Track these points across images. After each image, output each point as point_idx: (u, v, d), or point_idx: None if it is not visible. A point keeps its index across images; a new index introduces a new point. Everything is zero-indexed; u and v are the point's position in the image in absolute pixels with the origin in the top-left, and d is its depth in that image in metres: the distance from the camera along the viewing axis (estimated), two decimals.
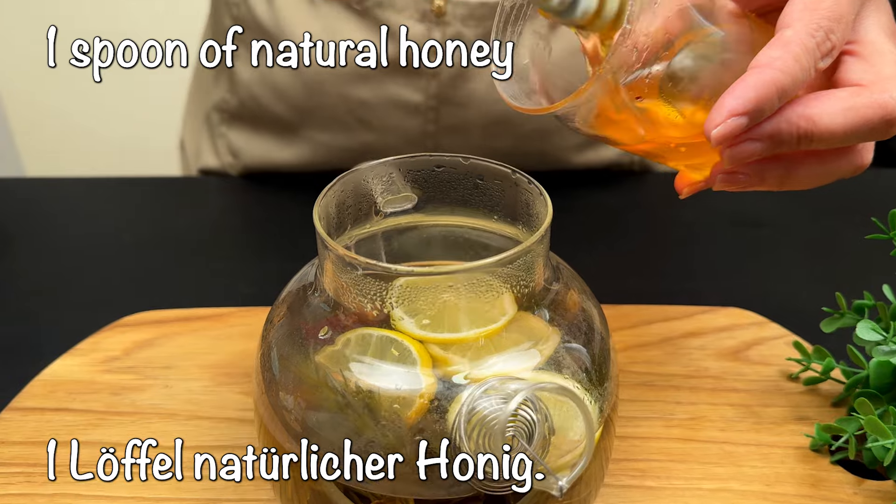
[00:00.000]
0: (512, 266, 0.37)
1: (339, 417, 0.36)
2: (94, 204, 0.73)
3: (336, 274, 0.37)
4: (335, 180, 0.41)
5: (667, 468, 0.44)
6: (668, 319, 0.55)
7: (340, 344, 0.37)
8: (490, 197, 0.42)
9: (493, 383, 0.35)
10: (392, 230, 0.45)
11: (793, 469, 0.44)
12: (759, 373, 0.51)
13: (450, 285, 0.36)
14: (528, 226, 0.41)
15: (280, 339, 0.39)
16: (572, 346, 0.38)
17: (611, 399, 0.39)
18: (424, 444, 0.35)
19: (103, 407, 0.49)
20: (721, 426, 0.47)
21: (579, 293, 0.42)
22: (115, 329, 0.55)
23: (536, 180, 0.40)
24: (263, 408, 0.39)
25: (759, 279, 0.61)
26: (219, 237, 0.69)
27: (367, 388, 0.35)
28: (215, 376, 0.51)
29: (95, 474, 0.44)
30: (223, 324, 0.56)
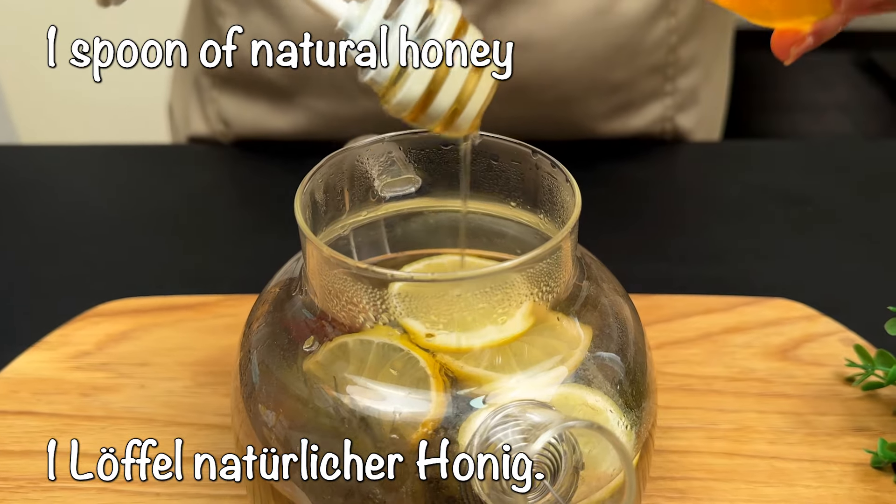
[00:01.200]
0: (534, 269, 0.32)
1: (330, 441, 0.31)
2: (70, 174, 0.68)
3: (322, 276, 0.32)
4: (323, 161, 0.35)
5: (709, 488, 0.40)
6: (707, 312, 0.49)
7: (330, 353, 0.32)
8: (506, 180, 0.37)
9: (511, 409, 0.30)
10: (395, 216, 0.40)
11: (852, 490, 0.39)
12: (812, 375, 0.45)
13: (459, 294, 0.31)
14: (550, 215, 0.36)
15: (260, 347, 0.34)
16: (604, 356, 0.33)
17: (650, 418, 0.34)
18: (431, 479, 0.30)
19: (71, 410, 0.45)
20: (770, 438, 0.42)
21: (610, 293, 0.36)
22: (88, 319, 0.50)
23: (556, 151, 0.35)
24: (241, 422, 0.34)
25: (807, 265, 0.56)
26: (208, 212, 0.64)
27: (364, 413, 0.31)
28: (196, 375, 0.47)
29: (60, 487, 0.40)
30: (208, 314, 0.51)
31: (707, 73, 0.71)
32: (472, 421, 0.31)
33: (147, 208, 0.63)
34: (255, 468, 0.34)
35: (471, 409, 0.30)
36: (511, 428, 0.30)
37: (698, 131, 0.73)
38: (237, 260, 0.58)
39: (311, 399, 0.31)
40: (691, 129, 0.72)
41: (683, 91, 0.69)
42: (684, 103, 0.70)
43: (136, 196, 0.65)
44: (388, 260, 0.41)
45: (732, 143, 0.74)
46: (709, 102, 0.74)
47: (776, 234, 0.59)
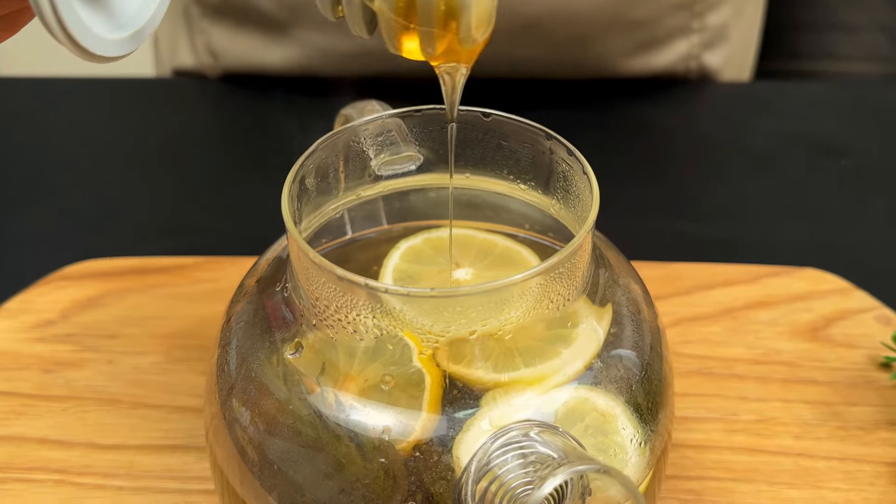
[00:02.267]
0: (546, 278, 0.28)
1: (315, 467, 0.28)
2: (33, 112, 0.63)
3: (309, 281, 0.28)
4: (315, 145, 0.31)
5: (728, 489, 0.36)
6: (729, 284, 0.45)
7: (321, 370, 0.29)
8: (517, 161, 0.33)
9: (513, 434, 0.26)
10: (394, 193, 0.36)
11: (885, 494, 0.36)
12: (843, 358, 0.41)
13: (460, 310, 0.27)
14: (565, 202, 0.32)
15: (239, 344, 0.31)
16: (618, 357, 0.30)
17: (665, 432, 0.30)
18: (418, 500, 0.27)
19: (31, 388, 0.41)
20: (796, 432, 0.38)
21: (625, 285, 0.33)
22: (53, 283, 0.47)
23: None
24: (213, 423, 0.31)
25: (843, 226, 0.51)
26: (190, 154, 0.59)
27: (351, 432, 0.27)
28: (169, 349, 0.43)
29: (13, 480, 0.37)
30: (185, 278, 0.47)
31: (738, 9, 0.65)
32: (468, 441, 0.27)
33: (122, 151, 0.59)
34: (225, 475, 0.31)
35: (471, 416, 0.27)
36: (512, 453, 0.26)
37: (727, 70, 0.68)
38: (222, 211, 0.54)
39: (298, 419, 0.28)
40: (719, 69, 0.66)
41: (712, 28, 0.64)
42: (712, 41, 0.65)
43: (111, 137, 0.60)
44: (384, 232, 0.37)
45: (762, 85, 0.69)
46: (739, 40, 0.68)
47: (808, 191, 0.54)
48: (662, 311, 0.44)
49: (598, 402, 0.29)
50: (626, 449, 0.29)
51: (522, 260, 0.36)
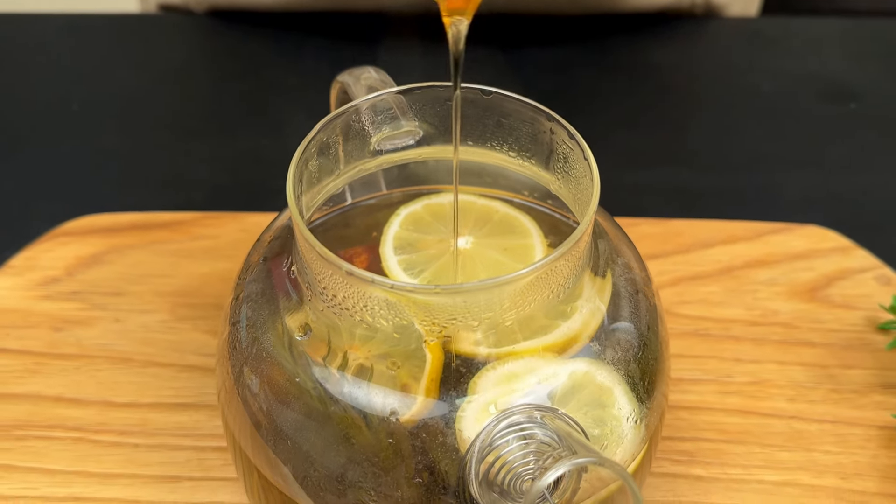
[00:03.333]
0: (548, 269, 0.29)
1: (324, 446, 0.29)
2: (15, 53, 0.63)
3: (314, 270, 0.29)
4: (317, 127, 0.31)
5: (720, 451, 0.38)
6: (730, 241, 0.46)
7: (327, 352, 0.30)
8: (517, 139, 0.34)
9: (516, 417, 0.28)
10: (393, 166, 0.36)
11: (875, 457, 0.38)
12: (841, 320, 0.43)
13: (465, 301, 0.28)
14: (565, 182, 0.33)
15: (249, 324, 0.32)
16: (616, 331, 0.31)
17: (660, 407, 0.32)
18: (429, 485, 0.28)
19: (43, 347, 0.43)
20: (790, 394, 0.40)
21: (624, 260, 0.33)
22: (56, 239, 0.48)
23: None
24: (232, 415, 0.32)
25: (849, 177, 0.52)
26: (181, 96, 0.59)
27: (359, 413, 0.29)
28: (175, 307, 0.45)
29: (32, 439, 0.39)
30: (184, 234, 0.48)
31: None
32: (469, 416, 0.29)
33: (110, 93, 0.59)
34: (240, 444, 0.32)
35: (475, 394, 0.28)
36: (514, 435, 0.28)
37: (733, 4, 0.67)
38: (215, 158, 0.54)
39: (307, 401, 0.29)
40: (725, 3, 0.65)
41: None
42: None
43: (96, 78, 0.60)
44: (384, 197, 0.38)
45: (770, 21, 0.68)
46: None
47: (814, 138, 0.54)
48: (661, 270, 0.45)
49: (597, 376, 0.31)
50: (622, 421, 0.31)
51: (522, 227, 0.37)
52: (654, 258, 0.45)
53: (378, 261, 0.35)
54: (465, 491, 0.28)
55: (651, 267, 0.45)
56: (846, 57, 0.61)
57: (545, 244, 0.35)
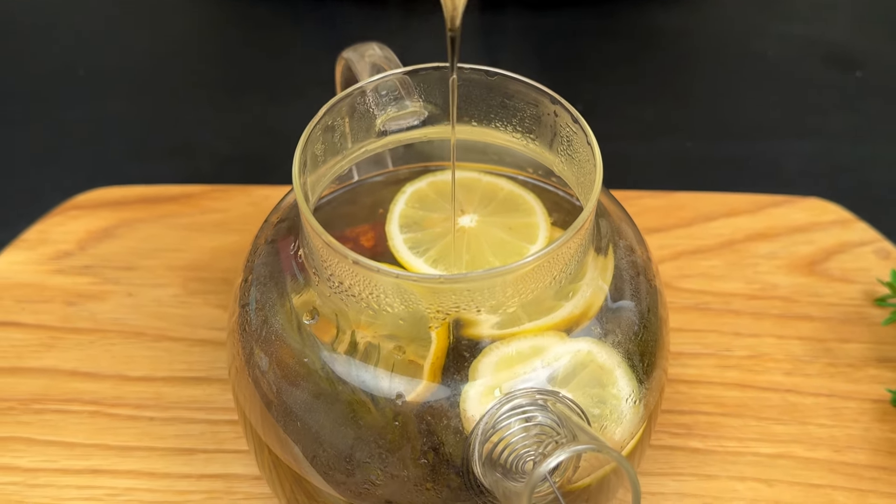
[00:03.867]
0: (550, 257, 0.30)
1: (332, 429, 0.31)
2: (31, 17, 0.63)
3: (321, 256, 0.30)
4: (323, 111, 0.32)
5: (717, 424, 0.40)
6: (732, 214, 0.47)
7: (335, 337, 0.31)
8: (521, 120, 0.34)
9: (518, 401, 0.29)
10: (399, 146, 0.37)
11: (867, 430, 0.39)
12: (840, 294, 0.44)
13: (469, 290, 0.29)
14: (569, 163, 0.33)
15: (258, 306, 0.33)
16: (618, 311, 0.32)
17: (658, 386, 0.33)
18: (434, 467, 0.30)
19: (57, 321, 0.44)
20: (787, 368, 0.41)
21: (626, 244, 0.34)
22: (67, 213, 0.49)
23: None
24: (238, 374, 0.34)
25: (853, 147, 0.52)
26: (185, 61, 0.60)
27: (367, 396, 0.30)
28: (186, 282, 0.46)
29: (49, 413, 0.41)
30: (194, 208, 0.49)
31: None
32: (473, 396, 0.30)
33: (115, 61, 0.59)
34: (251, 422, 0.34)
35: (479, 376, 0.30)
36: (516, 418, 0.29)
37: None
38: (222, 127, 0.55)
39: (315, 384, 0.31)
40: None
41: None
42: None
43: (103, 47, 0.61)
44: (391, 174, 0.39)
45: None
46: None
47: (818, 106, 0.55)
48: (663, 244, 0.46)
49: (598, 356, 0.32)
50: (622, 401, 0.32)
51: (526, 205, 0.38)
52: (657, 232, 0.46)
53: (384, 239, 0.36)
54: (468, 471, 0.30)
55: (653, 241, 0.46)
56: (854, 23, 0.61)
57: (549, 222, 0.36)
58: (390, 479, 0.30)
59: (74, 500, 0.38)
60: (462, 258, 0.35)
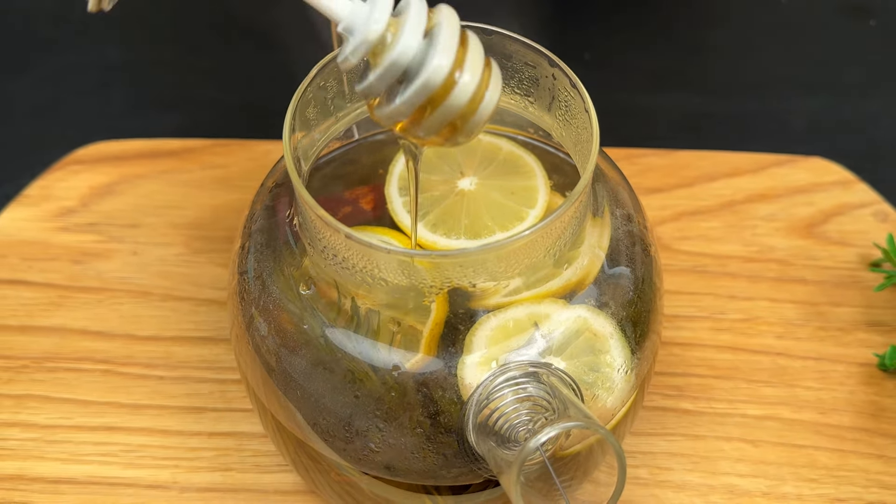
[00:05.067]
0: (544, 231, 0.32)
1: (331, 399, 0.34)
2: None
3: (314, 229, 0.33)
4: (313, 72, 0.34)
5: (708, 386, 0.43)
6: (734, 174, 0.49)
7: (332, 310, 0.34)
8: (519, 81, 0.36)
9: (512, 373, 0.32)
10: None
11: (853, 393, 0.43)
12: (835, 257, 0.47)
13: (461, 265, 0.32)
14: (566, 127, 0.35)
15: (255, 275, 0.36)
16: (614, 279, 0.35)
17: (650, 356, 0.36)
18: (430, 436, 0.33)
19: (65, 280, 0.48)
20: (779, 331, 0.45)
21: (623, 213, 0.37)
22: (68, 168, 0.51)
23: None
24: (245, 360, 0.37)
25: (862, 101, 0.54)
26: (182, 16, 0.61)
27: (365, 368, 0.33)
28: (190, 240, 0.49)
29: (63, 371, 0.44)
30: (195, 163, 0.51)
31: None
32: (470, 364, 0.33)
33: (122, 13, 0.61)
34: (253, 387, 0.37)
35: (475, 345, 0.32)
36: (510, 388, 0.32)
37: None
38: (219, 76, 0.57)
39: (314, 356, 0.34)
40: None
41: None
42: None
43: None
44: (390, 133, 0.40)
45: None
46: None
47: (828, 58, 0.56)
48: (664, 204, 0.49)
49: (593, 322, 0.35)
50: (614, 369, 0.36)
51: (527, 167, 0.40)
52: (659, 192, 0.49)
53: (384, 201, 0.39)
54: (463, 439, 0.33)
55: (654, 201, 0.48)
56: None
57: (548, 186, 0.38)
58: (388, 446, 0.34)
59: (91, 456, 0.42)
60: (461, 223, 0.37)
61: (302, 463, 0.38)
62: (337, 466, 0.36)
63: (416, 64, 0.28)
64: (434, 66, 0.28)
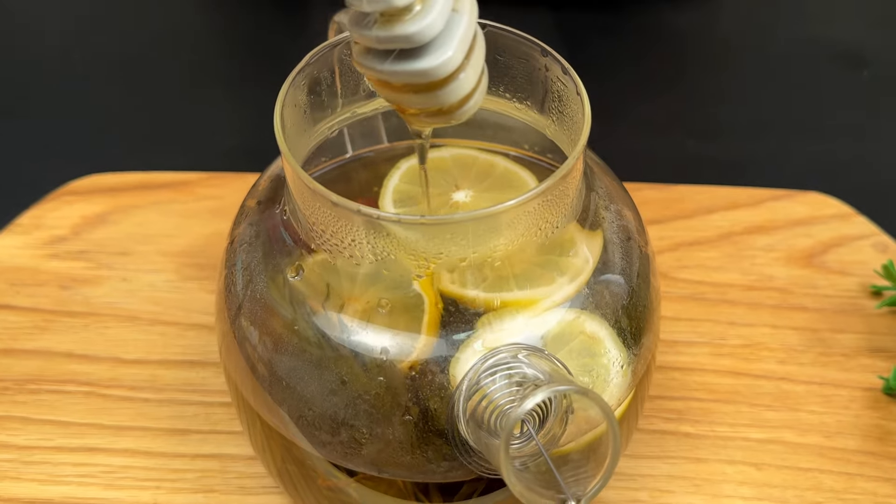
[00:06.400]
0: (536, 204, 0.33)
1: (318, 385, 0.35)
2: (17, 11, 0.68)
3: (305, 205, 0.34)
4: (304, 61, 0.36)
5: (709, 410, 0.44)
6: (732, 207, 0.51)
7: (319, 293, 0.35)
8: (512, 78, 0.38)
9: (503, 356, 0.33)
10: (391, 110, 0.41)
11: (858, 417, 0.44)
12: (836, 285, 0.48)
13: (451, 236, 0.33)
14: (560, 122, 0.37)
15: (244, 266, 0.37)
16: (608, 281, 0.36)
17: (648, 354, 0.37)
18: (418, 422, 0.34)
19: (51, 304, 0.49)
20: (781, 356, 0.46)
21: (618, 209, 0.39)
22: (61, 199, 0.53)
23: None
24: (229, 355, 0.38)
25: (857, 144, 0.57)
26: (185, 56, 0.65)
27: (351, 352, 0.34)
28: (180, 267, 0.50)
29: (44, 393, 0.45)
30: (189, 195, 0.54)
31: None
32: (463, 361, 0.34)
33: (112, 53, 0.64)
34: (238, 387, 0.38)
35: (465, 336, 0.33)
36: (501, 373, 0.33)
37: None
38: (219, 119, 0.60)
39: (299, 340, 0.35)
40: None
41: None
42: None
43: (100, 38, 0.66)
44: (386, 150, 0.42)
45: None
46: None
47: (825, 104, 0.59)
48: (662, 235, 0.50)
49: (586, 325, 0.36)
50: (609, 370, 0.36)
51: (521, 182, 0.41)
52: (656, 223, 0.51)
53: None
54: (454, 428, 0.34)
55: (652, 232, 0.50)
56: (863, 24, 0.65)
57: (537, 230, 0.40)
58: (375, 438, 0.34)
59: (70, 477, 0.43)
60: None
61: (288, 472, 0.38)
62: (325, 472, 0.37)
63: None
64: (446, 58, 0.28)
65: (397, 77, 0.29)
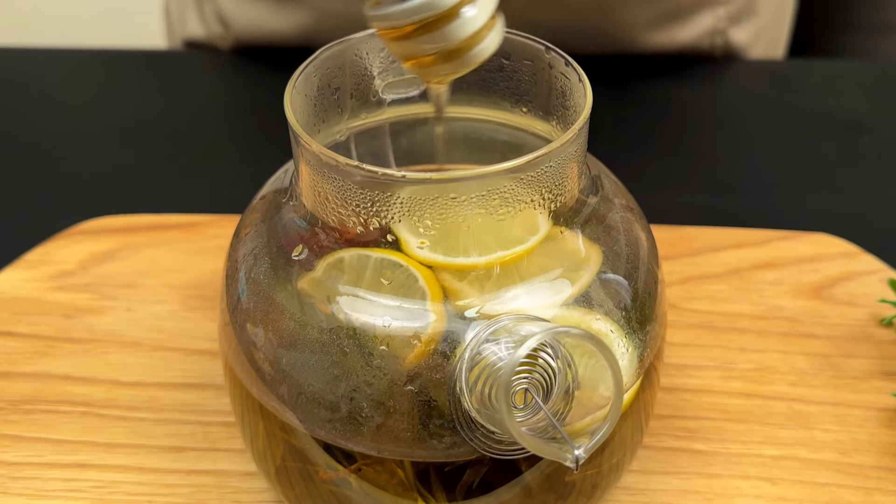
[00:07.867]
0: (536, 172, 0.35)
1: (319, 358, 0.36)
2: (55, 81, 0.73)
3: (311, 177, 0.36)
4: (316, 53, 0.39)
5: (721, 429, 0.44)
6: (739, 246, 0.53)
7: (323, 268, 0.36)
8: (518, 82, 0.40)
9: (505, 323, 0.34)
10: (399, 123, 0.43)
11: (873, 435, 0.43)
12: (845, 315, 0.49)
13: (454, 197, 0.34)
14: (563, 122, 0.39)
15: (248, 257, 0.38)
16: (610, 276, 0.37)
17: (654, 344, 0.38)
18: (420, 394, 0.35)
19: (54, 332, 0.50)
20: (792, 380, 0.46)
21: (622, 210, 0.40)
22: (71, 237, 0.55)
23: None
24: (227, 341, 0.39)
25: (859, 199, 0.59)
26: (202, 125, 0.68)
27: (354, 323, 0.35)
28: (185, 299, 0.52)
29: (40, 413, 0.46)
30: (198, 234, 0.56)
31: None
32: (464, 335, 0.35)
33: (137, 120, 0.68)
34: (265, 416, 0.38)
35: (466, 324, 0.34)
36: (504, 342, 0.33)
37: (755, 47, 0.75)
38: (234, 179, 0.62)
39: (302, 312, 0.36)
40: (746, 45, 0.74)
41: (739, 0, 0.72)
42: (739, 15, 0.73)
43: (126, 107, 0.69)
44: None
45: (788, 63, 0.77)
46: (768, 14, 0.76)
47: (829, 165, 0.62)
48: (671, 271, 0.52)
49: (592, 322, 0.37)
50: None
51: None
52: (664, 259, 0.52)
53: None
54: (457, 402, 0.34)
55: None
56: (864, 95, 0.69)
57: (549, 214, 0.42)
58: (376, 412, 0.35)
59: (58, 492, 0.43)
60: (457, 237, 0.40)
61: (286, 471, 0.38)
62: (324, 465, 0.37)
63: None
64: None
65: (406, 15, 0.31)
